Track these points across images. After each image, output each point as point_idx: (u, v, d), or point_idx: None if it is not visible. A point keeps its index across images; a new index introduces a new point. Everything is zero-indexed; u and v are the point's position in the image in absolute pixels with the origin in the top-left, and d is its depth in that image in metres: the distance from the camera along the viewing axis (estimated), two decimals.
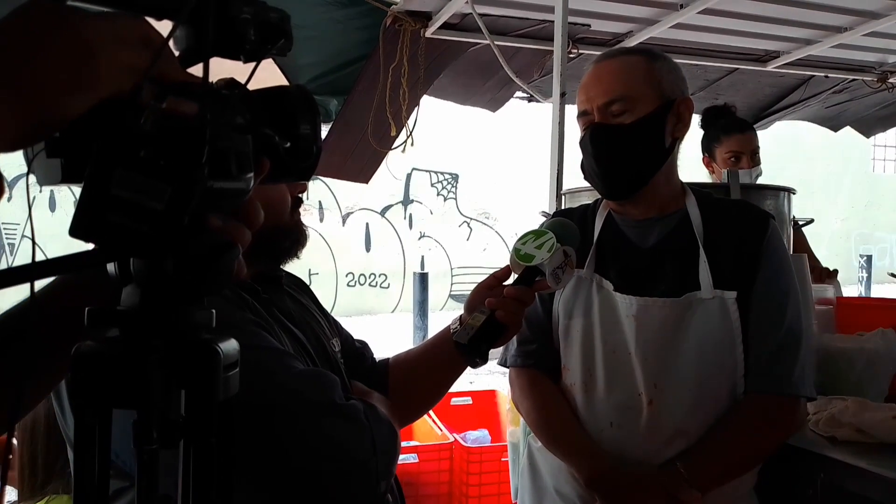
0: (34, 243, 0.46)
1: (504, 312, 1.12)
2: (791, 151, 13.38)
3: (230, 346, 0.56)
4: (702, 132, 2.66)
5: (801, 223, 2.17)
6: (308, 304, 1.19)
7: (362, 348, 1.29)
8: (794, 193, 2.01)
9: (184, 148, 0.47)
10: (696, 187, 1.43)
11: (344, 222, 11.83)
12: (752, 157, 2.52)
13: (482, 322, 1.12)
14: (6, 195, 0.42)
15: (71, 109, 0.45)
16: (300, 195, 1.07)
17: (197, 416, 0.53)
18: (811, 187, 13.83)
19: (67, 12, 0.47)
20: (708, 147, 2.62)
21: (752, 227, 1.35)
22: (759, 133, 4.73)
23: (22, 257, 9.16)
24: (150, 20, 0.54)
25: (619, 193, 1.38)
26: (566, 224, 1.26)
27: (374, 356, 1.30)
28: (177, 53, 0.56)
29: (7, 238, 9.40)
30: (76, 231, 0.48)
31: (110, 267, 0.55)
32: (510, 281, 1.22)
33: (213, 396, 0.54)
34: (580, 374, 1.38)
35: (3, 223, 9.44)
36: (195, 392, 0.53)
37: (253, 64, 0.60)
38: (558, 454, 1.40)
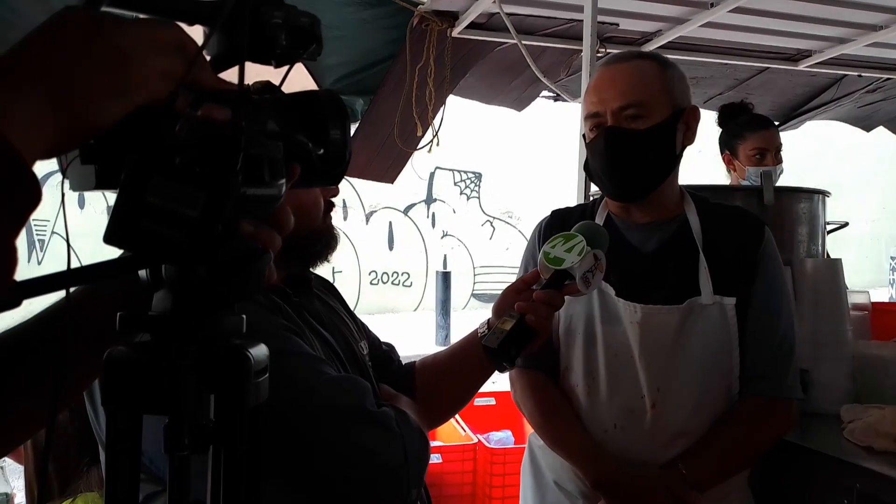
0: (69, 247, 0.46)
1: (534, 317, 1.12)
2: (821, 151, 13.14)
3: (260, 351, 0.56)
4: (718, 130, 2.61)
5: (834, 227, 2.12)
6: (336, 306, 1.19)
7: (389, 351, 1.29)
8: (828, 196, 1.96)
9: (219, 155, 0.47)
10: (692, 191, 1.45)
11: (367, 221, 11.87)
12: (776, 154, 2.48)
13: (512, 326, 1.11)
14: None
15: (106, 117, 0.45)
16: (332, 199, 1.07)
17: (227, 421, 0.53)
18: (841, 188, 13.56)
19: (101, 19, 0.47)
20: (729, 144, 2.57)
21: (748, 235, 1.38)
22: (789, 133, 4.67)
23: (52, 254, 9.33)
24: (183, 25, 0.54)
25: (631, 196, 1.39)
26: (596, 227, 1.25)
27: (401, 359, 1.30)
28: (208, 58, 0.56)
29: (38, 234, 9.58)
30: (111, 238, 0.48)
31: (141, 272, 0.55)
32: (539, 285, 1.22)
33: (243, 402, 0.54)
34: (582, 377, 1.40)
35: (33, 219, 9.58)
36: (225, 398, 0.53)
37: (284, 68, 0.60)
38: (562, 455, 1.41)
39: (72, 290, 0.62)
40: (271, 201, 0.55)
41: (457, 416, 3.43)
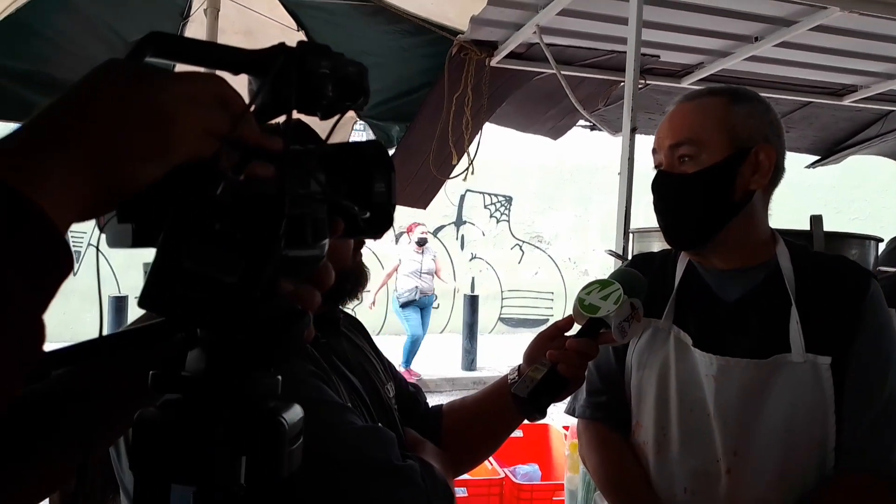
0: (101, 313, 0.44)
1: (566, 366, 1.07)
2: (859, 184, 12.86)
3: (295, 415, 0.53)
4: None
5: (887, 273, 2.03)
6: (363, 345, 1.17)
7: (416, 393, 1.26)
8: (880, 242, 1.89)
9: (261, 221, 0.45)
10: (787, 237, 1.32)
11: (397, 241, 11.90)
12: None
13: (543, 375, 1.07)
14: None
15: (144, 178, 0.43)
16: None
17: (259, 489, 0.51)
18: (881, 221, 13.25)
19: (143, 74, 0.45)
20: None
21: (850, 286, 1.23)
22: (828, 166, 4.55)
23: (86, 265, 9.49)
24: (227, 75, 0.52)
25: (681, 244, 1.31)
26: (634, 274, 1.20)
27: (427, 401, 1.27)
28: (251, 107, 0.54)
29: (74, 246, 9.76)
30: (146, 303, 0.46)
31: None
32: (573, 332, 1.17)
33: (278, 471, 0.51)
34: (653, 433, 1.29)
35: (71, 232, 9.75)
36: (259, 465, 0.51)
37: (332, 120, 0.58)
38: None
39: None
40: (314, 262, 0.53)
41: None
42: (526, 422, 1.20)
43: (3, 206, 0.36)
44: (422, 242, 8.55)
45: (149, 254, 0.45)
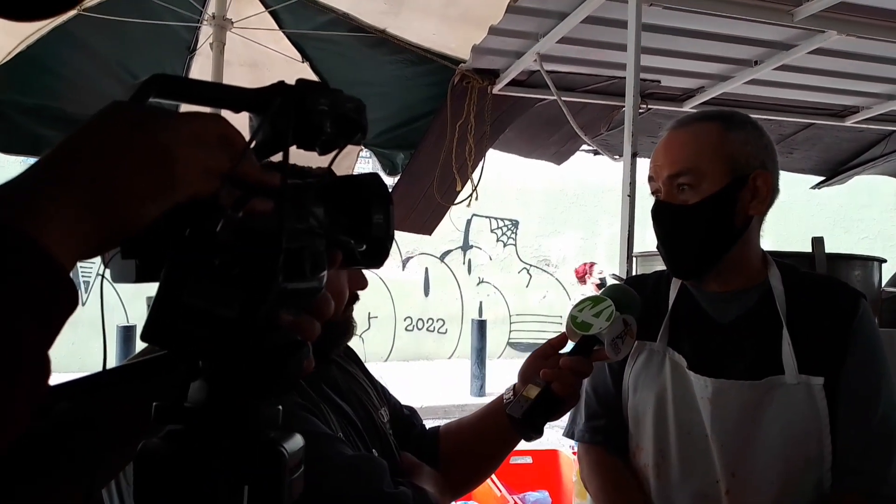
0: (105, 347, 0.45)
1: (560, 385, 1.07)
2: (867, 203, 12.83)
3: (295, 444, 0.54)
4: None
5: (891, 294, 2.03)
6: (355, 371, 1.17)
7: (410, 416, 1.26)
8: (884, 263, 1.89)
9: (259, 256, 0.46)
10: (778, 258, 1.34)
11: (404, 266, 11.91)
12: None
13: (537, 395, 1.07)
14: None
15: (147, 217, 0.45)
16: (358, 292, 1.05)
17: None
18: (891, 240, 13.19)
19: (147, 115, 0.46)
20: None
21: (840, 306, 1.24)
22: (833, 185, 4.54)
23: (95, 295, 9.52)
24: (227, 113, 0.54)
25: (683, 274, 1.31)
26: (626, 291, 1.20)
27: (423, 423, 1.27)
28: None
29: (83, 276, 9.83)
30: (148, 336, 0.47)
31: None
32: (567, 349, 1.17)
33: (279, 502, 0.52)
34: (653, 456, 1.29)
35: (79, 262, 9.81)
36: (259, 495, 0.51)
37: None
38: None
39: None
40: (312, 294, 0.54)
41: (492, 475, 3.34)
42: (541, 443, 1.20)
43: (10, 246, 0.37)
44: (602, 285, 8.37)
45: (154, 287, 0.46)
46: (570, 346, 1.17)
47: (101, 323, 0.43)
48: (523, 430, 1.09)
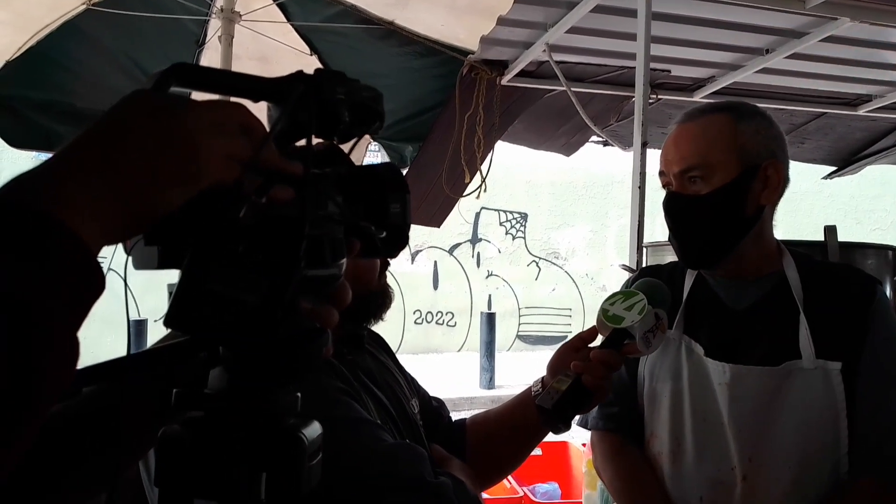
0: (129, 335, 0.45)
1: (590, 377, 1.07)
2: (879, 193, 12.73)
3: (314, 431, 0.54)
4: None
5: None
6: (387, 361, 1.18)
7: (439, 407, 1.26)
8: None
9: (282, 242, 0.46)
10: (791, 247, 1.34)
11: (413, 260, 11.91)
12: None
13: (567, 387, 1.08)
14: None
15: (172, 202, 0.45)
16: (389, 259, 1.07)
17: None
18: None
19: (169, 103, 0.47)
20: None
21: (857, 292, 1.25)
22: (846, 176, 4.52)
23: (108, 289, 9.56)
24: (247, 102, 0.54)
25: (696, 264, 1.32)
26: (657, 285, 1.20)
27: (451, 415, 1.27)
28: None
29: None
30: (171, 322, 0.47)
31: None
32: (596, 343, 1.17)
33: (297, 488, 0.52)
34: (668, 443, 1.30)
35: None
36: (278, 481, 0.52)
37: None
38: None
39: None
40: (332, 281, 0.54)
41: None
42: (551, 435, 1.20)
43: (40, 229, 0.37)
44: None
45: (170, 276, 0.47)
46: (599, 340, 1.17)
47: (125, 302, 0.43)
48: (552, 421, 1.09)
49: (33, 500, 0.59)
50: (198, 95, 0.51)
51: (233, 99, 0.54)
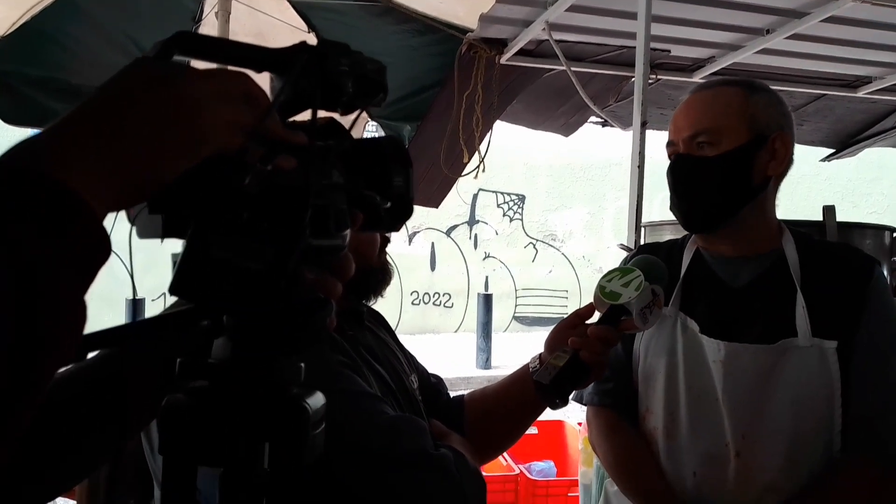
0: (134, 290, 0.46)
1: (588, 353, 1.08)
2: (876, 177, 12.74)
3: (317, 401, 0.54)
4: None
5: None
6: (386, 338, 1.19)
7: (437, 384, 1.28)
8: (895, 232, 1.88)
9: (287, 210, 0.46)
10: (793, 226, 1.35)
11: (410, 241, 11.92)
12: None
13: (565, 362, 1.08)
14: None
15: (175, 169, 0.45)
16: (388, 235, 1.08)
17: (283, 474, 0.52)
18: None
19: (170, 71, 0.46)
20: None
21: (854, 271, 1.26)
22: (843, 159, 4.51)
23: (106, 269, 9.55)
24: (250, 72, 0.54)
25: (697, 226, 1.32)
26: (654, 261, 1.21)
27: (449, 392, 1.28)
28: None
29: None
30: (176, 290, 0.47)
31: None
32: (594, 319, 1.18)
33: (301, 457, 0.53)
34: (662, 419, 1.31)
35: None
36: (282, 451, 0.52)
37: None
38: (637, 502, 1.33)
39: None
40: (335, 251, 0.54)
41: None
42: (547, 412, 1.22)
43: (46, 193, 0.37)
44: None
45: (170, 249, 0.47)
46: (596, 316, 1.18)
47: (129, 259, 0.44)
48: (549, 397, 1.10)
49: (37, 471, 0.60)
50: (200, 65, 0.51)
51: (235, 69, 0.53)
